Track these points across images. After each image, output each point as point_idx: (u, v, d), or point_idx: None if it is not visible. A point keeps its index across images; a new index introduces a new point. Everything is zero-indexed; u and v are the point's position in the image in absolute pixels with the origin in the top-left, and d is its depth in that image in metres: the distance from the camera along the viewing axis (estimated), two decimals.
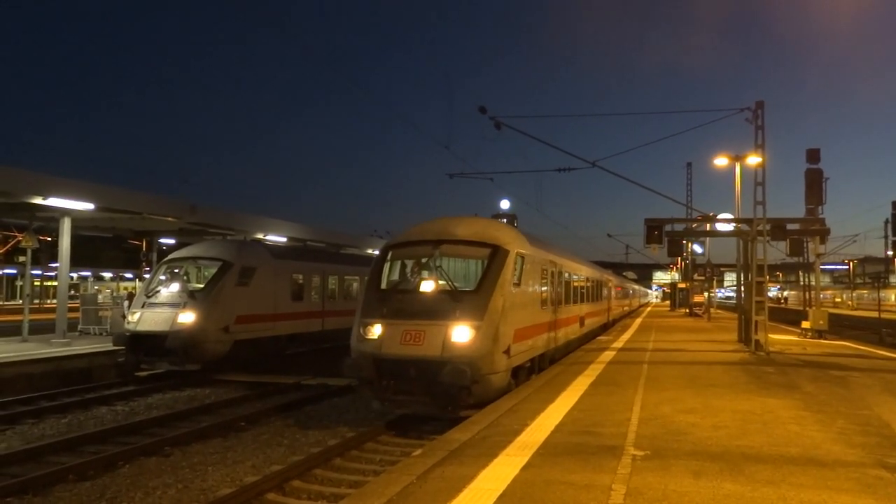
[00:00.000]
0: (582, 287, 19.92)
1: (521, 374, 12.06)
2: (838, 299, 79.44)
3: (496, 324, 10.38)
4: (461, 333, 10.21)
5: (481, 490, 5.32)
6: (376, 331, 10.60)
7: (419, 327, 10.32)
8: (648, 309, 66.94)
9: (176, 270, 18.21)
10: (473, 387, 9.95)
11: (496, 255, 11.14)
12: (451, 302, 10.49)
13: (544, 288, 13.76)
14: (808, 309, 28.53)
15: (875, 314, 40.61)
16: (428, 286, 10.87)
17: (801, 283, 47.01)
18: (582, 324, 19.64)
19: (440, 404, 10.15)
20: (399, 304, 10.74)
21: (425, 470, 5.93)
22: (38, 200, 17.79)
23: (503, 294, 10.70)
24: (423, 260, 11.35)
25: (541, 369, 13.46)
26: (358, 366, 10.57)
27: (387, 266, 11.78)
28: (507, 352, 10.66)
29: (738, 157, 22.39)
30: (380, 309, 10.78)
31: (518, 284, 11.52)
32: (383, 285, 11.50)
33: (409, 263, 11.76)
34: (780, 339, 22.14)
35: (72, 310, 23.80)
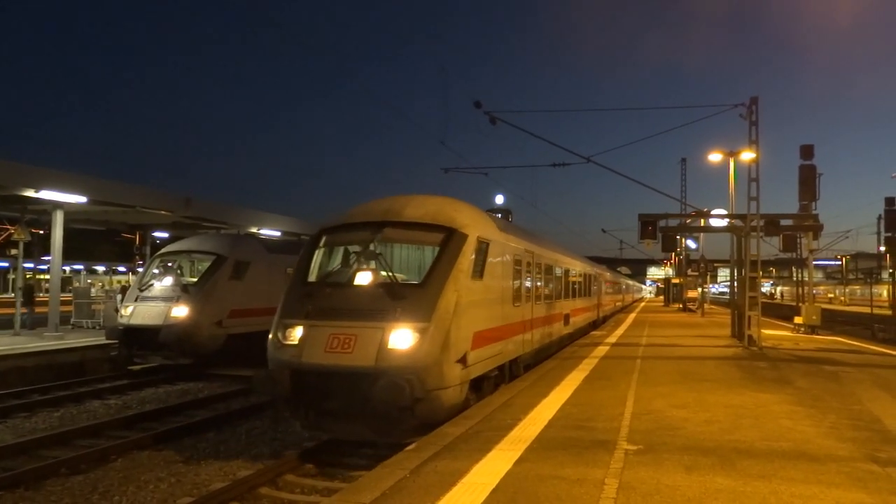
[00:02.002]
0: (567, 281, 18.56)
1: (487, 385, 10.16)
2: (831, 295, 79.85)
3: (447, 326, 8.43)
4: (401, 338, 8.24)
5: (474, 484, 5.32)
6: (297, 334, 8.60)
7: (349, 330, 8.33)
8: (642, 304, 67.15)
9: (169, 264, 18.14)
10: (417, 406, 8.01)
11: (451, 240, 9.16)
12: (391, 298, 8.53)
13: (518, 281, 12.01)
14: (800, 304, 28.67)
15: (867, 310, 40.83)
16: (364, 278, 8.92)
17: (794, 278, 47.22)
18: (566, 322, 18.20)
19: (375, 428, 8.30)
20: (327, 300, 8.78)
21: (419, 464, 5.94)
22: (30, 193, 17.69)
23: (458, 288, 8.79)
24: (362, 246, 9.36)
25: (514, 376, 11.70)
26: (271, 380, 8.49)
27: (318, 254, 9.79)
28: (462, 360, 8.71)
29: (732, 153, 22.44)
30: (303, 307, 8.79)
31: (480, 276, 9.65)
32: (311, 277, 9.49)
33: (346, 251, 9.79)
34: (773, 334, 22.23)
35: (64, 303, 23.70)
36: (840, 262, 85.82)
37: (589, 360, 14.14)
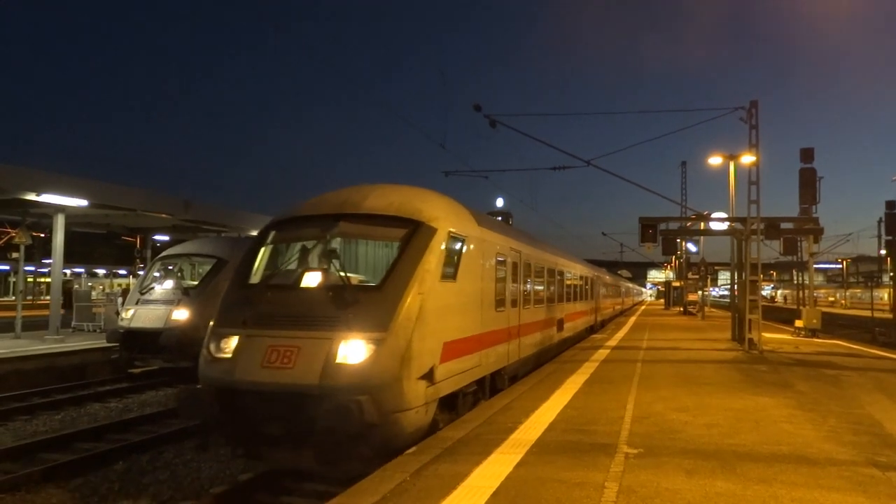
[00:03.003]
0: (561, 284, 17.54)
1: (463, 402, 9.00)
2: (832, 298, 79.79)
3: (408, 335, 7.17)
4: (353, 351, 6.98)
5: (475, 488, 5.33)
6: (232, 346, 7.37)
7: (291, 341, 7.10)
8: (643, 308, 67.11)
9: (170, 267, 18.16)
10: (371, 432, 6.77)
11: (416, 235, 7.91)
12: (343, 304, 7.28)
13: (502, 284, 10.80)
14: (801, 308, 28.67)
15: (868, 313, 40.79)
16: (312, 280, 7.66)
17: (795, 282, 47.20)
18: (560, 328, 17.06)
19: (323, 458, 7.02)
20: (268, 306, 7.55)
21: (419, 467, 5.94)
22: (31, 197, 17.72)
23: (423, 291, 7.54)
24: (313, 243, 8.16)
25: (497, 390, 10.51)
26: (198, 401, 7.28)
27: (264, 252, 8.56)
28: (428, 376, 7.46)
29: (732, 157, 22.45)
30: (240, 313, 7.58)
31: (453, 277, 8.41)
32: (253, 279, 8.21)
33: (296, 248, 8.44)
34: (774, 337, 22.22)
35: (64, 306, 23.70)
36: (841, 266, 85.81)
37: (589, 364, 14.14)
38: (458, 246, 8.69)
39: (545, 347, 14.94)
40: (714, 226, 22.22)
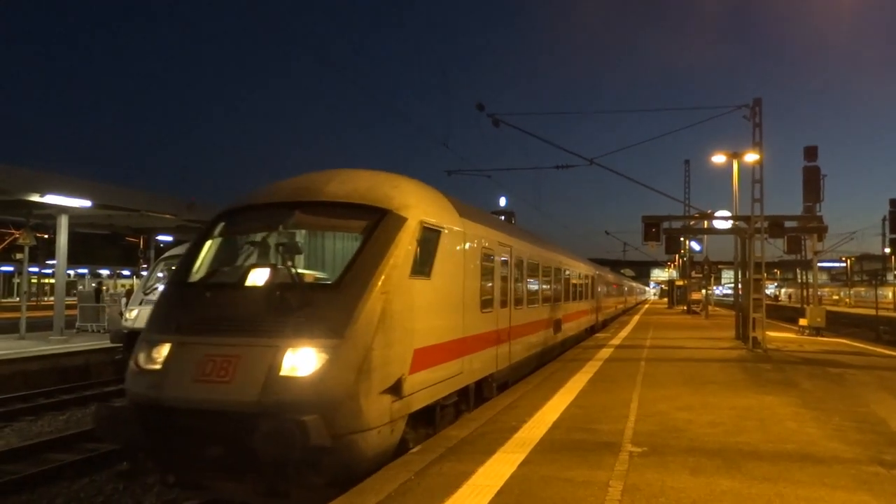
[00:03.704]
0: (558, 282, 16.64)
1: (442, 416, 7.96)
2: (836, 297, 79.60)
3: (368, 341, 6.09)
4: (301, 361, 5.91)
5: (479, 486, 5.32)
6: (163, 355, 6.24)
7: (230, 350, 6.02)
8: (646, 306, 67.05)
9: (174, 268, 18.19)
10: (322, 458, 5.72)
11: (382, 225, 6.83)
12: (294, 305, 6.19)
13: (489, 282, 9.80)
14: (805, 306, 28.61)
15: (873, 311, 40.69)
16: (259, 278, 6.56)
17: (799, 280, 47.12)
18: (558, 329, 16.16)
19: (268, 488, 5.93)
20: (206, 308, 6.46)
21: (423, 466, 5.93)
22: (35, 198, 17.78)
23: (389, 290, 6.45)
24: (265, 235, 7.13)
25: (483, 399, 9.52)
26: (118, 421, 6.04)
27: (209, 246, 7.45)
28: (394, 389, 6.37)
29: (735, 155, 22.41)
30: (174, 318, 6.52)
31: (427, 274, 7.32)
32: (193, 277, 7.11)
33: (246, 242, 7.37)
34: (778, 336, 22.18)
35: (69, 307, 23.78)
36: (845, 264, 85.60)
37: (593, 363, 14.13)
38: (433, 238, 7.55)
39: (540, 351, 14.11)
40: (718, 224, 22.18)
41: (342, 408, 5.84)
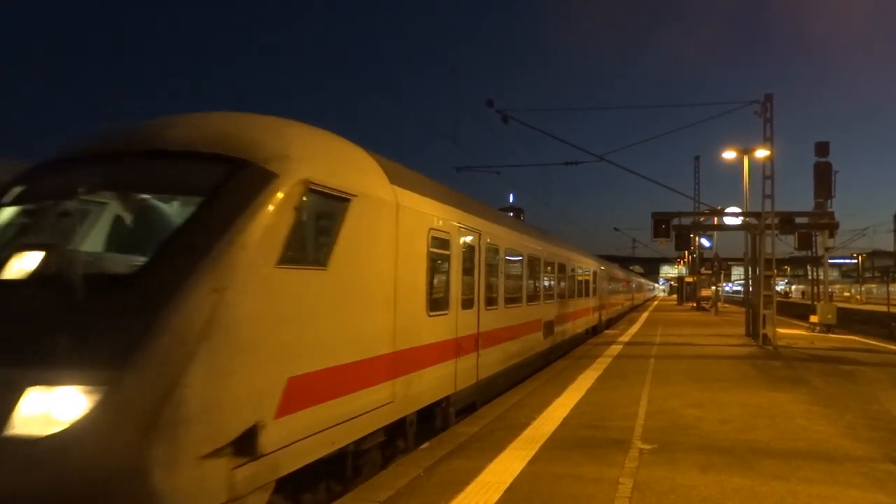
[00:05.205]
0: (549, 277, 14.83)
1: (359, 466, 5.93)
2: (847, 293, 79.10)
3: (173, 373, 3.76)
4: (49, 408, 3.62)
5: (489, 483, 5.33)
6: None
7: None
8: (655, 303, 66.85)
9: None
10: None
11: (230, 183, 4.61)
12: (55, 312, 3.98)
13: (444, 275, 7.90)
14: (816, 303, 28.45)
15: (884, 308, 40.38)
16: (24, 267, 4.30)
17: (810, 277, 46.84)
18: (549, 332, 14.16)
19: None
20: None
21: (433, 463, 5.95)
22: None
23: (225, 285, 4.12)
24: (63, 203, 4.84)
25: (442, 428, 7.65)
26: None
27: None
28: (238, 447, 4.10)
29: (746, 151, 22.28)
30: None
31: (319, 261, 5.15)
32: None
33: (45, 211, 4.97)
34: (789, 333, 22.06)
35: None
36: (856, 260, 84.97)
37: (602, 360, 14.11)
38: (335, 209, 5.40)
39: (522, 361, 11.76)
40: (728, 221, 22.09)
41: (118, 491, 3.54)
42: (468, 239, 8.76)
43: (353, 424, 5.46)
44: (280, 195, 4.68)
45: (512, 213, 23.50)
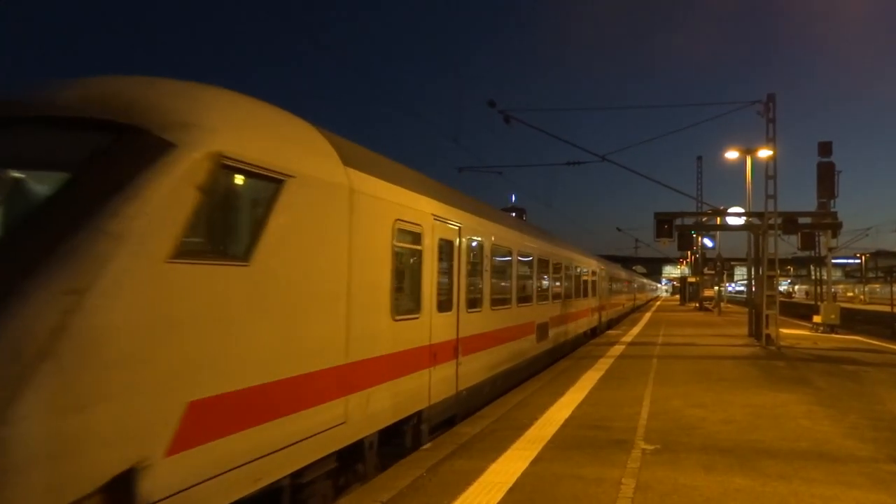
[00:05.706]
0: (544, 276, 14.13)
1: (311, 493, 5.16)
2: (850, 293, 78.94)
3: None
4: None
5: (491, 483, 5.33)
6: None
7: None
8: (658, 303, 66.77)
9: None
10: None
11: (108, 154, 3.77)
12: None
13: (414, 273, 7.11)
14: (819, 303, 28.39)
15: (888, 308, 40.28)
16: None
17: (813, 277, 46.77)
18: (543, 335, 13.51)
19: None
20: None
21: (435, 463, 5.95)
22: None
23: (85, 286, 3.18)
24: None
25: (413, 447, 6.88)
26: None
27: None
28: (111, 494, 3.19)
29: (749, 151, 22.28)
30: None
31: (238, 255, 4.29)
32: None
33: None
34: (792, 333, 22.02)
35: None
36: (860, 261, 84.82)
37: (604, 360, 14.10)
38: (262, 192, 4.53)
39: (513, 366, 11.09)
40: (731, 221, 22.05)
41: None
42: (446, 233, 7.91)
43: (288, 453, 4.58)
44: (178, 171, 3.77)
45: (514, 214, 23.47)
